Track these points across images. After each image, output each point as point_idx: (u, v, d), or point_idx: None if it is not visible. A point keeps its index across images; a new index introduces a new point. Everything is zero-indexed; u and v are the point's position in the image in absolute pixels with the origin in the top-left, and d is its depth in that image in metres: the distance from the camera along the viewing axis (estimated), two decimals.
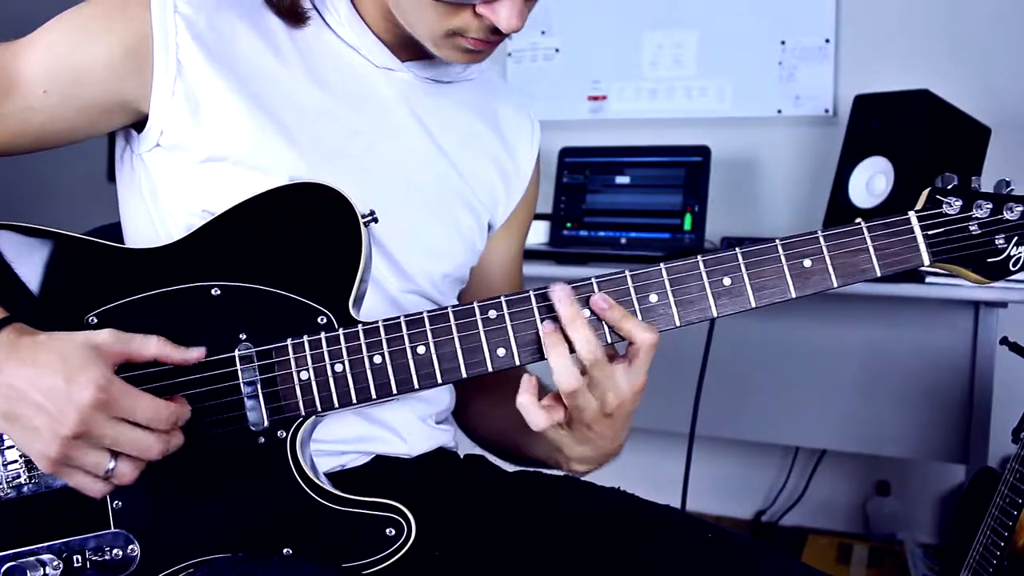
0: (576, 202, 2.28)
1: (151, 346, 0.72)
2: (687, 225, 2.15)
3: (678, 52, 2.41)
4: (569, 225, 2.28)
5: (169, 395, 0.73)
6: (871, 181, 1.86)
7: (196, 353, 0.74)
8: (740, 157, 2.36)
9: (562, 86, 2.52)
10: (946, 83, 1.87)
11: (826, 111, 2.27)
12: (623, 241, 2.22)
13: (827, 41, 2.25)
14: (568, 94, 2.52)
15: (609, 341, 0.76)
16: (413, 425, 0.94)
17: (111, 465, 0.69)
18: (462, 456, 1.02)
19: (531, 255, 2.09)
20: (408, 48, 0.90)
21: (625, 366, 0.75)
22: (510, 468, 1.01)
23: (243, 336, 0.76)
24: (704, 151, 2.17)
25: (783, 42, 2.29)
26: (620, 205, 2.24)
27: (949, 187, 0.78)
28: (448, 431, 1.00)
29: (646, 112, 2.46)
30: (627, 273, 0.76)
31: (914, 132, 1.79)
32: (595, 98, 2.51)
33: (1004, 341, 1.50)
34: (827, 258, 0.76)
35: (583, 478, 0.97)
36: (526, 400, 0.76)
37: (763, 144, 2.36)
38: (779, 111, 2.32)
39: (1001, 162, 1.91)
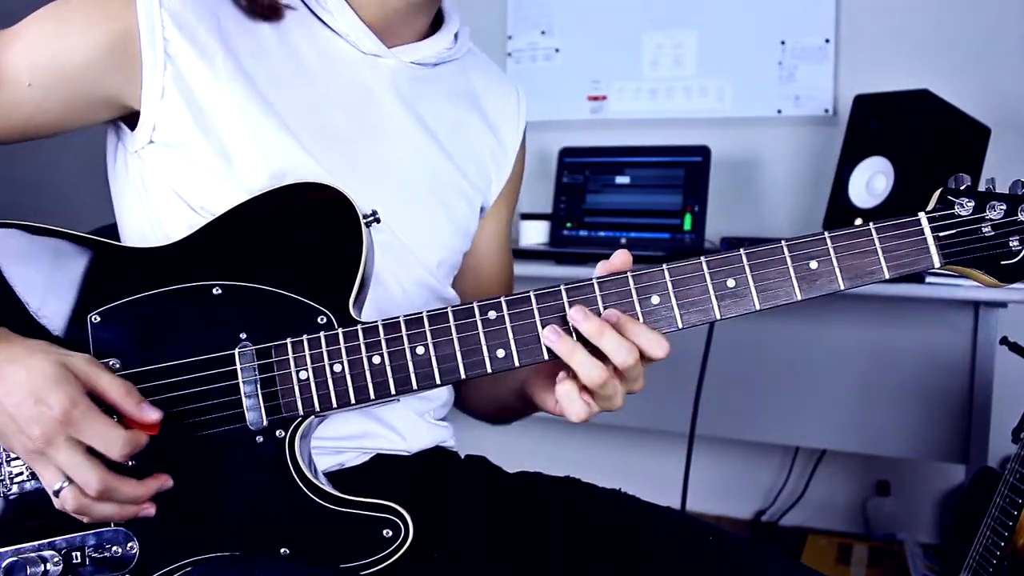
0: (576, 202, 2.28)
1: (114, 390, 0.71)
2: (687, 225, 2.15)
3: (678, 52, 2.41)
4: (569, 225, 2.28)
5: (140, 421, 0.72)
6: (871, 181, 1.86)
7: (153, 415, 0.72)
8: (740, 157, 2.36)
9: (562, 86, 2.52)
10: (946, 83, 1.88)
11: (826, 111, 2.27)
12: (623, 241, 2.22)
13: (827, 41, 2.25)
14: (568, 94, 2.52)
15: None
16: (411, 421, 0.94)
17: (57, 486, 0.70)
18: (462, 456, 1.02)
19: (531, 255, 2.10)
20: (396, 33, 0.90)
21: None
22: (511, 468, 1.01)
23: (243, 335, 0.76)
24: (704, 151, 2.17)
25: (783, 42, 2.29)
26: (620, 205, 2.24)
27: (962, 187, 0.76)
28: (447, 427, 1.00)
29: (646, 112, 2.46)
30: (629, 274, 0.75)
31: (914, 132, 1.79)
32: (595, 98, 2.51)
33: (1004, 341, 1.50)
34: (834, 260, 0.74)
35: (583, 479, 0.98)
36: (570, 389, 0.74)
37: (763, 144, 2.36)
38: (779, 111, 2.32)
39: (1001, 162, 1.91)
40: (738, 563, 0.84)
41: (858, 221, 1.86)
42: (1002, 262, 0.75)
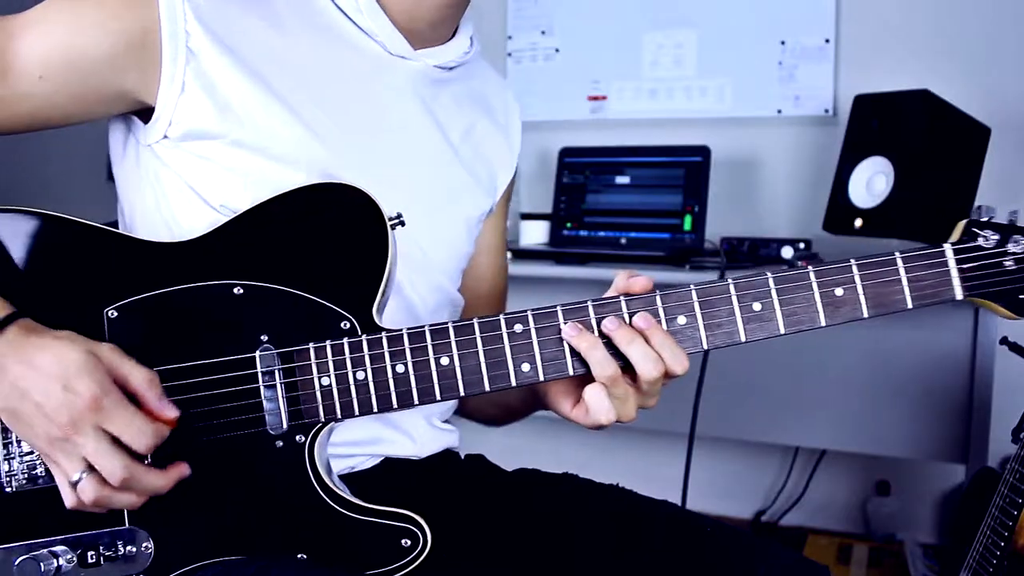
0: (576, 202, 2.28)
1: (138, 379, 0.71)
2: (687, 225, 2.15)
3: (678, 52, 2.41)
4: (569, 225, 2.28)
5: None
6: (871, 181, 1.86)
7: (171, 413, 0.71)
8: (740, 157, 2.36)
9: (562, 86, 2.52)
10: (946, 83, 1.88)
11: (826, 111, 2.27)
12: (623, 241, 2.22)
13: (827, 41, 2.25)
14: (568, 94, 2.52)
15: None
16: (421, 426, 0.94)
17: (76, 476, 0.69)
18: (462, 456, 1.02)
19: (531, 255, 2.09)
20: (423, 37, 0.90)
21: None
22: (509, 467, 1.01)
23: (264, 337, 0.75)
24: (704, 151, 2.17)
25: (783, 42, 2.29)
26: (620, 205, 2.24)
27: (986, 220, 0.77)
28: (454, 431, 1.00)
29: (646, 112, 2.46)
30: (657, 294, 0.75)
31: (914, 132, 1.79)
32: (595, 98, 2.51)
33: (1004, 341, 1.49)
34: (859, 287, 0.75)
35: (582, 474, 0.98)
36: (599, 392, 0.74)
37: (763, 144, 2.36)
38: (779, 111, 2.32)
39: (1001, 162, 1.91)
40: (736, 554, 0.84)
41: (858, 222, 1.86)
42: (1020, 296, 0.76)
